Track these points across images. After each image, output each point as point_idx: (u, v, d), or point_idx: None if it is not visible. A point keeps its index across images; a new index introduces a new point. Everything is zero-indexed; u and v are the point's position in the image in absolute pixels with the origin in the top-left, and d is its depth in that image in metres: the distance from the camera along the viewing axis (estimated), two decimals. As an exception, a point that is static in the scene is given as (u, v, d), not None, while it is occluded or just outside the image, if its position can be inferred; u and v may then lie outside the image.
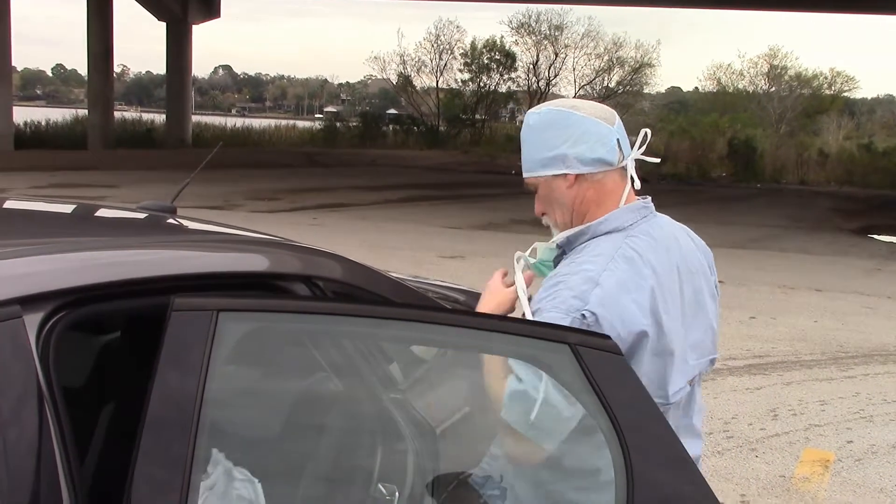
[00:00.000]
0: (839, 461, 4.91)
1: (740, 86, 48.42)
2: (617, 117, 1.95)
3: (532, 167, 1.98)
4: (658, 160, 2.02)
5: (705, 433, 2.19)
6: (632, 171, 1.94)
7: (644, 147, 1.96)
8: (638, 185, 1.96)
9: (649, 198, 2.00)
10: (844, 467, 4.82)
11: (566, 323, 1.73)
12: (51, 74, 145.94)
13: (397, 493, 2.06)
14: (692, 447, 1.91)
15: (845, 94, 49.11)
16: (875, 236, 16.81)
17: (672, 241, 1.95)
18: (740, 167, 30.83)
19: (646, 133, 1.97)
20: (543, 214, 2.00)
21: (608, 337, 1.63)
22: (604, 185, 1.92)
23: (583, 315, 1.74)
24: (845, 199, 25.43)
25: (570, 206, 1.93)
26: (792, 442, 5.17)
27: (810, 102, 45.18)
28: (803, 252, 13.53)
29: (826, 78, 47.43)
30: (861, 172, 31.41)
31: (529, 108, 2.07)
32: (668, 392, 1.85)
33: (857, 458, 4.96)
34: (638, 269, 1.82)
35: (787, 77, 46.68)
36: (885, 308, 9.36)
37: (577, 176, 1.90)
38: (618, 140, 1.91)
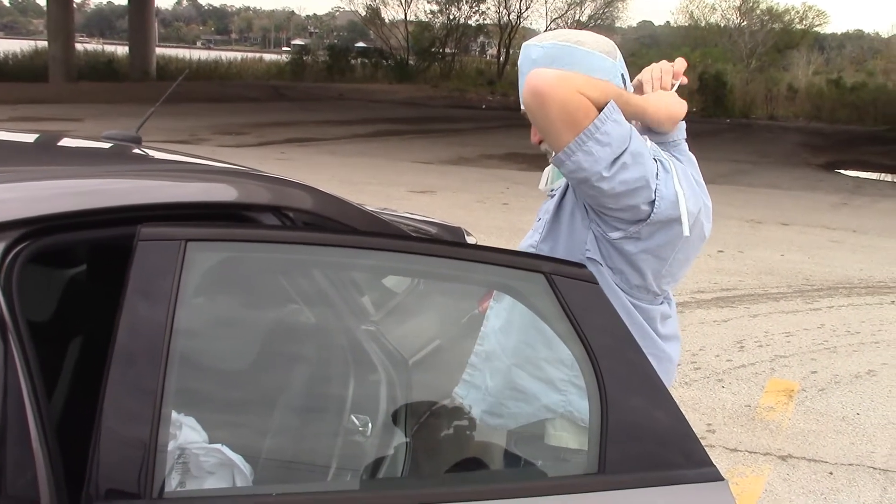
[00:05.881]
0: (803, 391, 5.01)
1: (712, 20, 48.19)
2: (618, 50, 1.91)
3: None
4: None
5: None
6: None
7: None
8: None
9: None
10: (808, 397, 4.93)
11: (650, 159, 1.74)
12: (8, 4, 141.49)
13: (370, 424, 2.06)
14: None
15: (816, 28, 49.05)
16: (842, 171, 16.99)
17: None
18: (710, 102, 30.83)
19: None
20: (541, 142, 1.95)
21: (583, 266, 1.62)
22: None
23: (661, 161, 1.76)
24: (813, 134, 25.60)
25: None
26: (758, 373, 5.27)
27: (781, 37, 45.09)
28: (771, 187, 13.64)
29: (797, 12, 47.32)
30: (829, 108, 31.62)
31: (499, 42, 2.01)
32: (680, 276, 1.91)
33: (821, 388, 5.06)
34: (690, 166, 1.88)
35: (758, 11, 46.46)
36: (850, 242, 9.49)
37: None
38: (622, 75, 1.89)
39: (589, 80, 1.71)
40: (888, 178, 16.96)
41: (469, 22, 43.56)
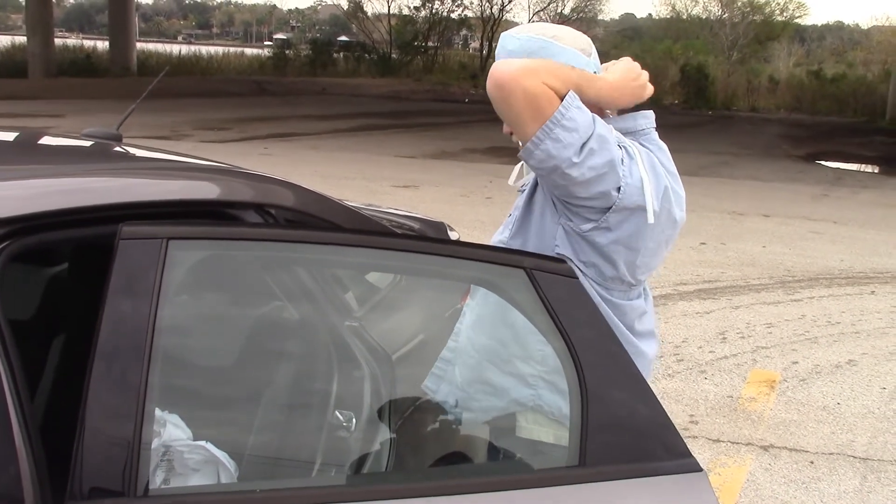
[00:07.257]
0: (784, 381, 5.06)
1: (694, 12, 48.35)
2: (593, 48, 1.92)
3: None
4: None
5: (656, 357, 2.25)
6: None
7: None
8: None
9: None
10: (789, 387, 4.97)
11: (615, 145, 1.75)
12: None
13: (354, 420, 2.07)
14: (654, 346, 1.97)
15: (796, 20, 49.27)
16: (822, 162, 17.09)
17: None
18: (692, 94, 30.94)
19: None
20: (512, 134, 1.97)
21: (563, 261, 1.64)
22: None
23: (625, 147, 1.77)
24: (794, 125, 25.73)
25: None
26: (740, 364, 5.31)
27: (762, 29, 45.24)
28: (753, 179, 13.71)
29: (778, 4, 47.49)
30: (810, 99, 31.77)
31: (482, 35, 2.02)
32: (655, 265, 1.91)
33: (802, 379, 5.11)
34: (655, 160, 1.87)
35: (739, 3, 46.61)
36: (831, 233, 9.56)
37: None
38: (595, 73, 1.90)
39: (550, 67, 1.73)
40: (868, 169, 17.08)
41: (452, 15, 43.54)
